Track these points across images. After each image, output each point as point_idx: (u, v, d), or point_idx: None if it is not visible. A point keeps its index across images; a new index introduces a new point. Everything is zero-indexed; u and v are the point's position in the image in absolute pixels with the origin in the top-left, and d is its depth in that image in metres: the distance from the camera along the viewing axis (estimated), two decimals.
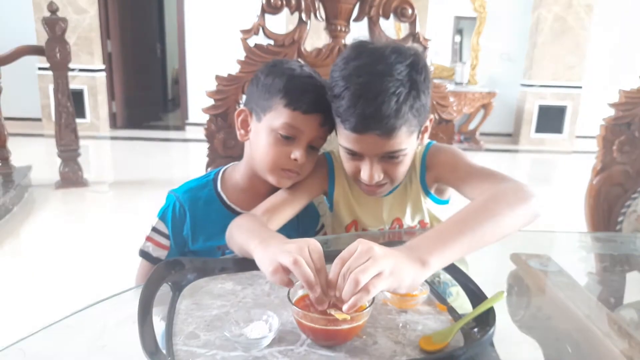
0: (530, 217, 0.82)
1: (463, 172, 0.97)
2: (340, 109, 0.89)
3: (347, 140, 0.93)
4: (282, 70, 1.01)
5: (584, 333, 0.83)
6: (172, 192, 1.09)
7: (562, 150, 6.15)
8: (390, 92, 0.85)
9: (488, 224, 0.76)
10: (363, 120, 0.87)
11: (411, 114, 0.89)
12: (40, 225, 3.26)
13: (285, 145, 0.99)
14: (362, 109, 0.86)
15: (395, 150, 0.92)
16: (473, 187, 0.92)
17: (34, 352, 0.69)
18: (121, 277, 2.39)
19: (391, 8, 1.32)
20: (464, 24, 6.50)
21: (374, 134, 0.88)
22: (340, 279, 0.63)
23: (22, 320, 2.09)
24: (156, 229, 1.08)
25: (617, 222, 1.46)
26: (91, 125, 6.06)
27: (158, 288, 0.75)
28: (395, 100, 0.85)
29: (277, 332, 0.64)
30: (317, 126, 0.98)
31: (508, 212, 0.79)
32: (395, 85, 0.86)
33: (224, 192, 1.10)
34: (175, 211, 1.07)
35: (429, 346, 0.64)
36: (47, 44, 3.69)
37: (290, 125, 0.97)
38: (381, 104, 0.85)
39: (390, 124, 0.87)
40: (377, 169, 0.94)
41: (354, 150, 0.94)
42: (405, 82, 0.87)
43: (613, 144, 1.43)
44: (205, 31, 6.25)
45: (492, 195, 0.82)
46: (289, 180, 1.02)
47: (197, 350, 0.62)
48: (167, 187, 1.12)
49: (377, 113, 0.86)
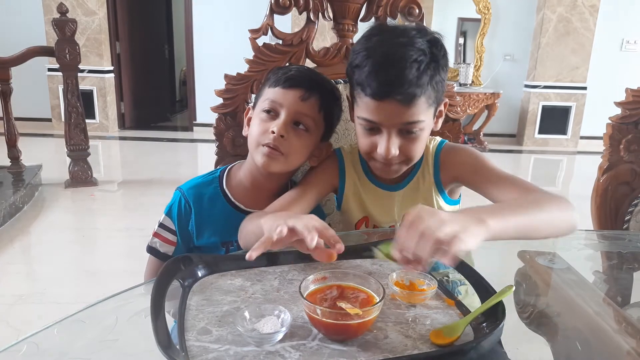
0: (571, 227, 0.84)
1: (490, 174, 0.98)
2: (362, 75, 0.91)
3: (366, 109, 0.93)
4: (280, 67, 1.07)
5: (594, 330, 0.83)
6: (178, 189, 1.11)
7: (566, 151, 6.12)
8: (412, 59, 0.88)
9: (541, 216, 0.79)
10: (385, 85, 0.89)
11: (431, 85, 0.91)
12: (50, 224, 3.29)
13: (268, 121, 1.01)
14: (385, 73, 0.88)
15: (414, 121, 0.92)
16: (504, 190, 0.93)
17: (47, 347, 0.70)
18: (130, 274, 2.42)
19: (398, 7, 1.32)
20: (468, 26, 6.48)
21: (395, 100, 0.89)
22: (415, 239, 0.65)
23: (35, 316, 2.12)
24: (163, 225, 1.10)
25: (624, 221, 1.45)
26: (100, 126, 6.10)
27: (169, 283, 0.76)
28: (416, 67, 0.88)
29: (289, 327, 0.65)
30: (297, 100, 1.00)
31: (558, 214, 0.81)
32: (417, 54, 0.88)
33: (229, 189, 1.11)
34: (180, 207, 1.08)
35: (440, 340, 0.64)
36: (57, 45, 3.72)
37: (270, 100, 1.01)
38: (403, 69, 0.87)
39: (411, 91, 0.88)
40: (394, 143, 0.94)
41: (372, 120, 0.93)
42: (426, 53, 0.89)
43: (620, 143, 1.43)
44: (213, 33, 6.27)
45: (543, 197, 0.83)
46: (272, 160, 1.00)
47: (210, 345, 0.63)
48: (175, 186, 1.13)
49: (399, 78, 0.87)
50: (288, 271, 0.85)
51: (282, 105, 1.00)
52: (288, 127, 1.00)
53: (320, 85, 1.04)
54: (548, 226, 0.80)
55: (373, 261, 0.88)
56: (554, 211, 0.81)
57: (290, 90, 1.00)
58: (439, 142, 1.10)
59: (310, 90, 1.00)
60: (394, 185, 1.09)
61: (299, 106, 1.00)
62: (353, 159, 1.12)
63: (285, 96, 1.00)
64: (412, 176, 1.09)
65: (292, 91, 1.00)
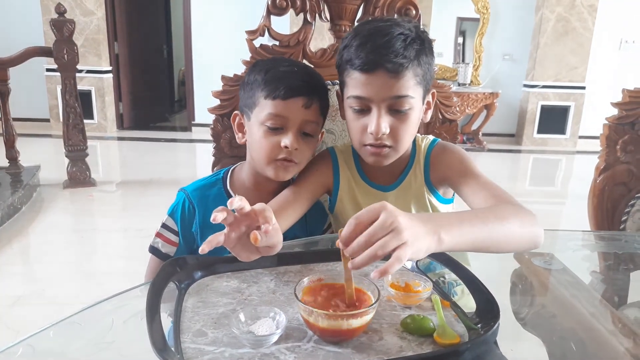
0: (532, 245, 0.83)
1: (471, 179, 0.97)
2: (351, 50, 0.94)
3: (355, 85, 0.95)
4: (261, 66, 1.03)
5: (589, 331, 0.83)
6: (182, 190, 1.11)
7: (565, 151, 6.12)
8: (399, 32, 0.91)
9: (501, 231, 0.77)
10: (373, 54, 0.91)
11: (417, 61, 0.93)
12: (49, 224, 3.28)
13: (275, 135, 1.00)
14: (372, 44, 0.91)
15: (403, 95, 0.93)
16: (479, 197, 0.93)
17: (43, 349, 0.70)
18: (129, 274, 2.42)
19: (395, 8, 1.32)
20: (467, 25, 6.48)
21: (383, 70, 0.91)
22: (356, 245, 0.63)
23: (31, 318, 2.11)
24: (166, 226, 1.10)
25: (621, 222, 1.46)
26: (98, 126, 6.09)
27: (165, 286, 0.76)
28: (402, 39, 0.91)
29: (284, 329, 0.65)
30: (300, 109, 0.99)
31: (519, 230, 0.80)
32: (403, 29, 0.92)
33: (233, 190, 1.11)
34: (184, 208, 1.09)
35: (446, 339, 0.65)
36: (55, 45, 3.72)
37: (274, 115, 0.99)
38: (390, 40, 0.90)
39: (399, 60, 0.90)
40: (384, 120, 0.94)
41: (362, 95, 0.95)
42: (412, 31, 0.93)
43: (617, 144, 1.43)
44: (211, 33, 6.26)
45: (510, 211, 0.82)
46: (286, 171, 1.03)
47: (205, 347, 0.63)
48: (174, 187, 1.13)
49: (386, 47, 0.90)
50: (284, 273, 0.85)
51: (287, 118, 0.99)
52: (298, 138, 1.00)
53: (315, 85, 1.03)
54: (507, 241, 0.79)
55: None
56: (515, 227, 0.79)
57: (292, 101, 0.98)
58: (431, 140, 1.10)
59: (311, 96, 1.00)
60: (387, 186, 1.09)
61: (303, 114, 1.00)
62: (346, 157, 1.13)
63: (287, 107, 0.98)
64: (404, 175, 1.09)
65: (293, 101, 0.98)
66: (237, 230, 0.69)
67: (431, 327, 0.66)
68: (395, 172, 1.08)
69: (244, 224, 0.70)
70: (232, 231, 0.68)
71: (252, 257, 0.74)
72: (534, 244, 0.82)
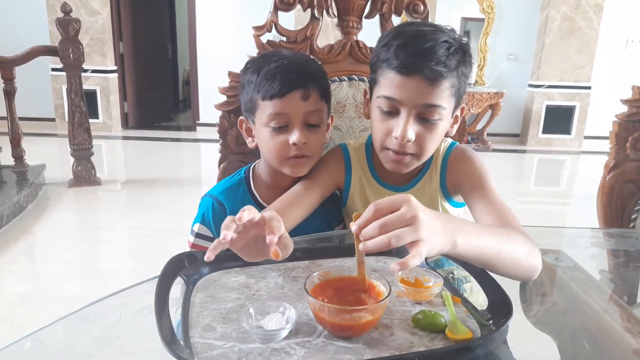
0: (528, 277, 0.81)
1: (485, 195, 0.95)
2: (390, 50, 0.90)
3: (389, 86, 0.92)
4: (253, 66, 1.02)
5: (602, 328, 0.82)
6: (207, 195, 1.10)
7: (570, 151, 6.10)
8: (443, 40, 0.88)
9: (508, 255, 0.76)
10: (414, 57, 0.88)
11: (457, 72, 0.90)
12: (54, 223, 3.29)
13: (281, 134, 0.99)
14: (415, 47, 0.88)
15: (436, 104, 0.90)
16: (489, 214, 0.91)
17: (51, 343, 0.70)
18: (132, 273, 2.42)
19: (403, 4, 1.32)
20: (472, 25, 6.46)
21: (421, 76, 0.88)
22: (370, 228, 0.62)
23: (36, 316, 2.12)
24: (200, 235, 1.08)
25: (631, 219, 1.44)
26: (104, 125, 6.11)
27: (173, 281, 0.76)
28: (446, 47, 0.88)
29: (294, 324, 0.64)
30: (299, 103, 0.97)
31: (524, 259, 0.78)
32: (447, 37, 0.89)
33: (257, 190, 1.11)
34: (215, 211, 1.08)
35: (456, 335, 0.64)
36: (61, 44, 3.73)
37: (275, 114, 0.98)
38: (434, 46, 0.87)
39: (439, 68, 0.87)
40: (411, 126, 0.92)
41: (394, 97, 0.91)
42: (456, 41, 0.90)
43: (626, 141, 1.41)
44: (216, 32, 6.27)
45: (519, 237, 0.80)
46: (302, 167, 1.02)
47: (214, 342, 0.62)
48: (178, 186, 1.13)
49: (429, 53, 0.87)
50: (292, 268, 0.85)
51: (289, 114, 0.98)
52: (304, 132, 0.99)
53: (307, 73, 1.00)
54: (510, 266, 0.77)
55: (377, 258, 0.88)
56: (522, 255, 0.78)
57: (289, 96, 0.97)
58: (449, 143, 1.08)
59: (307, 86, 0.97)
60: (400, 187, 1.07)
61: (303, 107, 0.98)
62: (359, 155, 1.11)
63: (286, 104, 0.97)
64: (419, 178, 1.07)
65: (290, 96, 0.97)
66: (245, 235, 0.70)
67: (443, 322, 0.66)
68: (410, 173, 1.06)
69: (253, 231, 0.70)
70: (240, 237, 0.69)
71: (258, 259, 0.74)
72: (529, 277, 0.81)
